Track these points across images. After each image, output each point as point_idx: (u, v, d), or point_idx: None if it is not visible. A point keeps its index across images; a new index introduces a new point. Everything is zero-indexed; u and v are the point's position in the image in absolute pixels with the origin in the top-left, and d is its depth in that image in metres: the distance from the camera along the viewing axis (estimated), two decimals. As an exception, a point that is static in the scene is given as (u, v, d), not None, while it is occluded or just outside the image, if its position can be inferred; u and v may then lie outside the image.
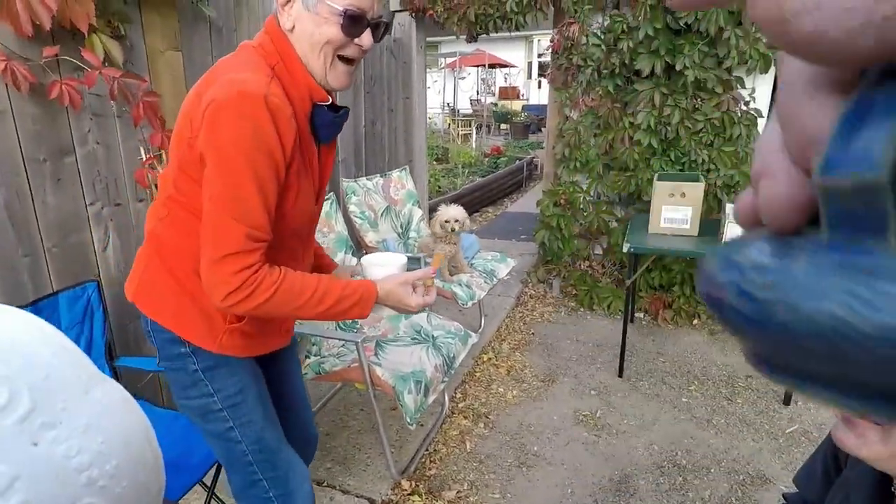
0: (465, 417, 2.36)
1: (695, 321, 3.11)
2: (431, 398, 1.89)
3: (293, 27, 0.96)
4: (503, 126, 12.88)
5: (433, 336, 2.10)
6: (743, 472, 1.97)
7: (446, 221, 2.51)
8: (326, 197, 2.33)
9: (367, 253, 2.71)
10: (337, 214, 2.32)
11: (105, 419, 0.29)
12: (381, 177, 2.97)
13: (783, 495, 0.89)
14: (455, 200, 5.87)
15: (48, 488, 0.25)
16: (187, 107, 0.95)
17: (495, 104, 14.49)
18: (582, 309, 3.33)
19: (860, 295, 0.12)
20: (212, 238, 0.93)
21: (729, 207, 2.27)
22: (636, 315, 3.20)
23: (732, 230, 2.19)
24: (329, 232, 2.25)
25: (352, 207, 2.66)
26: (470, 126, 11.49)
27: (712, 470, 1.99)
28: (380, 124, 3.75)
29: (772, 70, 2.83)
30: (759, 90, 2.86)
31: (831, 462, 0.76)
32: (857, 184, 0.12)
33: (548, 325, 3.17)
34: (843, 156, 0.13)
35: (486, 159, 8.48)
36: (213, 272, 0.93)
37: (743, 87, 2.86)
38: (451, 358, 2.04)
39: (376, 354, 2.00)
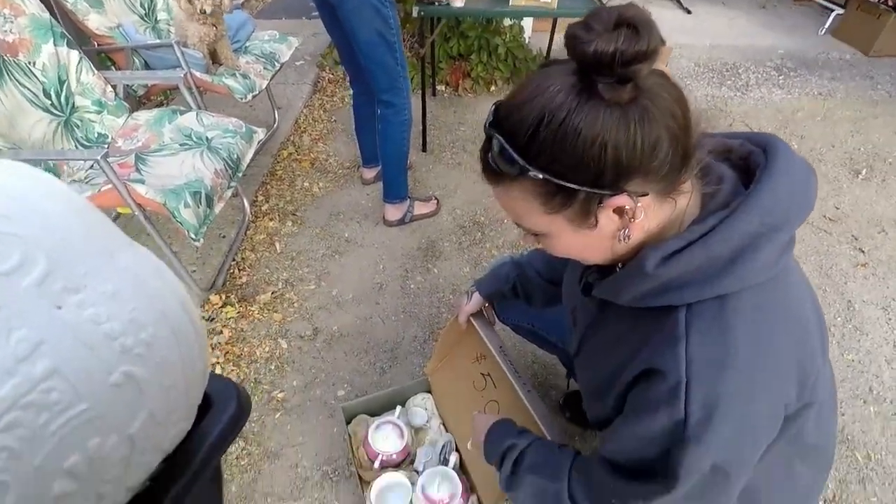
0: (272, 219, 2.23)
1: (492, 87, 3.15)
2: (218, 207, 1.70)
3: None
4: None
5: (207, 138, 1.80)
6: (530, 218, 2.23)
7: (194, -7, 1.97)
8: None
9: (97, 43, 2.10)
10: (22, -12, 1.65)
11: (135, 288, 0.24)
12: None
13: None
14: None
15: (78, 354, 0.21)
16: None
17: None
18: (384, 88, 3.14)
19: None
20: None
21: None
22: (437, 88, 3.13)
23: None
24: (16, 15, 1.62)
25: (53, -21, 1.94)
26: None
27: (505, 221, 2.21)
28: None
29: None
30: None
31: None
32: None
33: (350, 110, 2.96)
34: None
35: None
36: None
37: None
38: (234, 159, 1.79)
39: (138, 170, 1.68)
